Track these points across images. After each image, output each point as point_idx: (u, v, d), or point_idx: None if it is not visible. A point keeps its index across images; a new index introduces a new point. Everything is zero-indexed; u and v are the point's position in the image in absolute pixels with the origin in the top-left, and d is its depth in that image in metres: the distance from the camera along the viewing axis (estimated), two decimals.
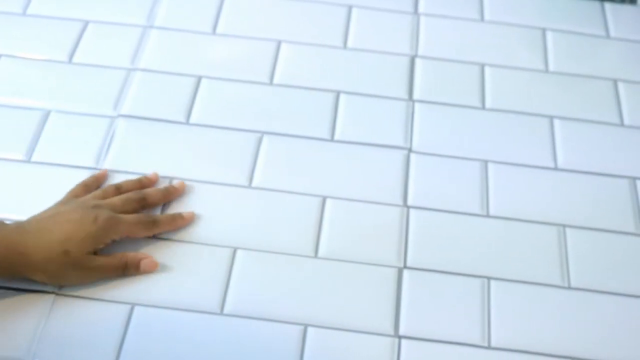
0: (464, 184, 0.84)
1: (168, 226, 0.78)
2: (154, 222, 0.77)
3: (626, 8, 1.04)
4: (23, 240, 0.70)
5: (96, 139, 0.86)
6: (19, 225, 0.72)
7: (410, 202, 0.83)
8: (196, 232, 0.79)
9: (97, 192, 0.78)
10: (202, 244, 0.78)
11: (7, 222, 0.73)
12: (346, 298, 0.75)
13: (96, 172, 0.82)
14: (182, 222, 0.78)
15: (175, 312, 0.73)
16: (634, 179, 0.86)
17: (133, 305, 0.73)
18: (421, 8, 1.02)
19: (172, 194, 0.81)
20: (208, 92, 0.91)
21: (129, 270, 0.74)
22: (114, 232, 0.74)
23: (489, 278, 0.77)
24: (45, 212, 0.75)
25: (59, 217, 0.73)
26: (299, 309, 0.74)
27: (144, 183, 0.81)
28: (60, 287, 0.73)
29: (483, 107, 0.92)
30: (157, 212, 0.80)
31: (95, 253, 0.73)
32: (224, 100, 0.90)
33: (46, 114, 0.88)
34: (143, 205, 0.78)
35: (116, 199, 0.77)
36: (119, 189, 0.79)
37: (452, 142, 0.88)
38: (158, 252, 0.77)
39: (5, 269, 0.71)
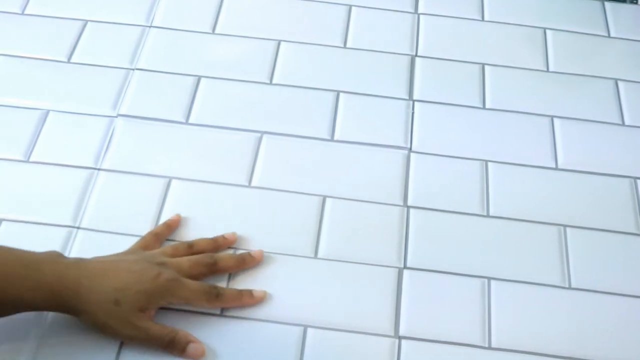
0: (464, 183, 0.84)
1: (233, 302, 0.72)
2: (218, 296, 0.71)
3: (627, 7, 1.04)
4: (78, 279, 0.67)
5: (95, 138, 0.86)
6: (79, 262, 0.70)
7: (410, 202, 0.82)
8: (195, 232, 0.78)
9: (167, 249, 0.74)
10: None
11: (70, 257, 0.72)
12: (346, 298, 0.75)
13: (169, 219, 0.78)
14: (250, 301, 0.73)
15: (175, 312, 0.72)
16: (635, 178, 0.86)
17: None
18: (421, 7, 1.02)
19: (248, 262, 0.75)
20: (207, 91, 0.91)
21: (174, 348, 0.69)
22: (173, 296, 0.70)
23: (489, 278, 0.77)
24: (109, 256, 0.72)
25: (120, 265, 0.70)
26: (299, 309, 0.73)
27: (219, 243, 0.76)
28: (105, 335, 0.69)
29: (483, 107, 0.92)
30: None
31: (146, 315, 0.69)
32: (223, 100, 0.90)
33: (45, 114, 0.88)
34: (213, 270, 0.74)
35: (185, 260, 0.72)
36: (191, 248, 0.75)
37: (453, 141, 0.88)
38: None
39: (55, 302, 0.68)
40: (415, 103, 0.91)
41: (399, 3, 1.02)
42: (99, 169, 0.83)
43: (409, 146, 0.87)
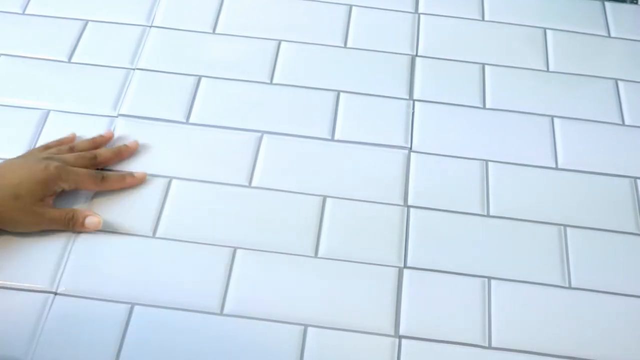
0: (464, 183, 0.84)
1: (117, 183, 0.80)
2: (103, 178, 0.79)
3: (627, 7, 1.04)
4: None
5: None
6: None
7: (410, 201, 0.82)
8: (196, 231, 0.78)
9: (52, 149, 0.81)
10: (202, 243, 0.78)
11: None
12: (346, 298, 0.75)
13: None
14: (132, 181, 0.81)
15: (175, 312, 0.73)
16: (635, 178, 0.86)
17: (133, 305, 0.73)
18: (421, 7, 1.02)
19: (124, 152, 0.83)
20: (208, 91, 0.91)
21: (74, 224, 0.76)
22: (64, 180, 0.77)
23: (489, 278, 0.77)
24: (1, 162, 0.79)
25: (11, 165, 0.78)
26: (299, 309, 0.73)
27: (97, 142, 0.84)
28: (11, 231, 0.76)
29: (483, 107, 0.92)
30: None
31: (45, 202, 0.76)
32: (224, 99, 0.90)
33: (46, 114, 0.88)
34: (94, 163, 0.81)
35: (68, 155, 0.80)
36: (72, 150, 0.82)
37: (453, 141, 0.88)
38: (158, 252, 0.77)
39: None
40: (416, 103, 0.91)
41: (399, 3, 1.02)
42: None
43: (409, 146, 0.87)
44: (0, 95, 0.89)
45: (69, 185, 0.78)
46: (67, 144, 0.83)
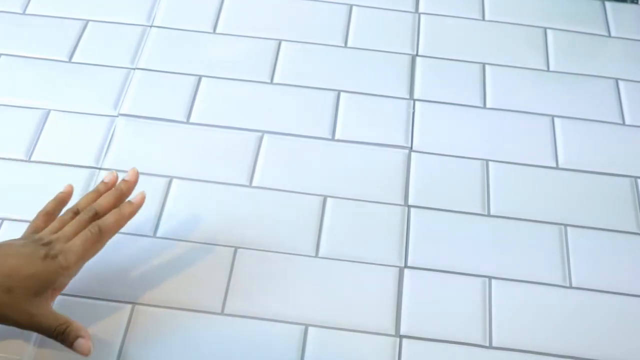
0: (465, 183, 0.84)
1: (116, 224, 0.70)
2: (100, 230, 0.69)
3: (627, 7, 1.04)
4: None
5: (96, 138, 0.86)
6: None
7: (411, 201, 0.82)
8: (197, 231, 0.78)
9: (55, 224, 0.71)
10: (202, 243, 0.78)
11: None
12: (347, 298, 0.75)
13: (60, 192, 0.75)
14: (132, 209, 0.71)
15: (175, 312, 0.73)
16: (635, 178, 0.86)
17: (134, 305, 0.73)
18: (422, 7, 1.02)
19: (124, 191, 0.73)
20: (208, 91, 0.91)
21: (63, 340, 0.66)
22: (67, 268, 0.67)
23: (490, 277, 0.77)
24: None
25: (7, 250, 0.67)
26: (300, 309, 0.73)
27: (101, 192, 0.74)
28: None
29: (484, 106, 0.92)
30: None
31: (44, 299, 0.66)
32: (224, 99, 0.90)
33: (46, 114, 0.88)
34: (96, 220, 0.70)
35: (68, 228, 0.69)
36: (76, 213, 0.72)
37: (453, 141, 0.88)
38: (159, 252, 0.77)
39: None
40: (416, 102, 0.91)
41: (399, 2, 1.02)
42: (100, 169, 0.83)
43: (409, 145, 0.87)
44: (0, 95, 0.89)
45: (75, 269, 0.68)
46: (70, 209, 0.72)
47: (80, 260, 0.68)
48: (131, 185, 0.74)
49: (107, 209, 0.71)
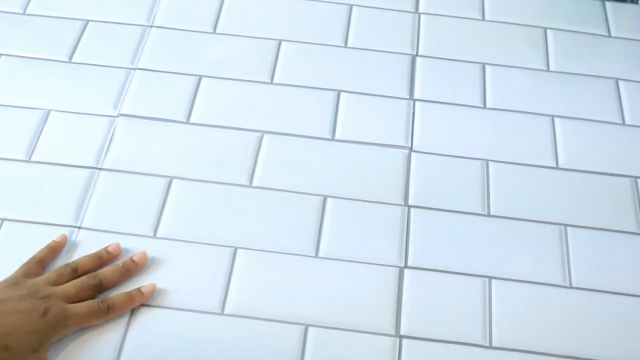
0: (465, 183, 0.84)
1: (125, 308, 0.71)
2: (109, 308, 0.70)
3: (627, 7, 1.04)
4: None
5: (96, 138, 0.86)
6: None
7: (411, 201, 0.82)
8: (197, 231, 0.78)
9: (52, 276, 0.71)
10: (202, 243, 0.78)
11: None
12: (347, 298, 0.75)
13: (53, 240, 0.75)
14: (141, 299, 0.72)
15: (175, 312, 0.73)
16: (635, 178, 0.86)
17: None
18: (422, 7, 1.02)
19: (132, 270, 0.74)
20: (208, 91, 0.91)
21: None
22: (64, 328, 0.67)
23: (490, 277, 0.77)
24: None
25: (3, 307, 0.65)
26: (300, 309, 0.73)
27: (103, 259, 0.74)
28: None
29: (484, 106, 0.92)
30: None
31: (40, 354, 0.66)
32: (224, 99, 0.90)
33: (46, 114, 0.88)
34: (100, 290, 0.72)
35: (69, 287, 0.70)
36: (75, 271, 0.72)
37: (453, 141, 0.88)
38: (159, 251, 0.77)
39: None
40: (416, 102, 0.91)
41: (399, 2, 1.02)
42: (100, 169, 0.83)
43: (409, 145, 0.87)
44: (0, 95, 0.89)
45: (72, 331, 0.68)
46: (69, 266, 0.72)
47: (78, 326, 0.69)
48: (138, 267, 0.74)
49: (111, 283, 0.72)
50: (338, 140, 0.87)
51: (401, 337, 0.72)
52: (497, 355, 0.72)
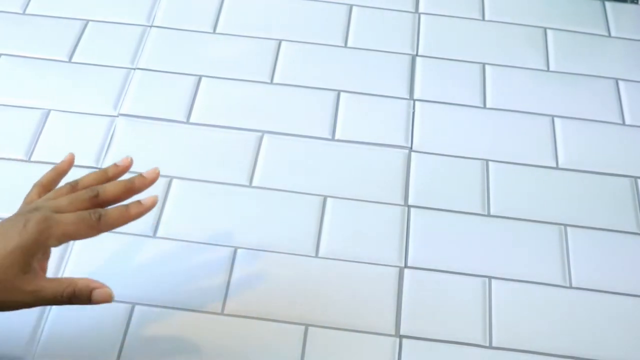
0: (465, 183, 0.84)
1: (120, 219, 0.62)
2: (100, 218, 0.61)
3: (627, 7, 1.04)
4: None
5: (96, 138, 0.86)
6: None
7: (411, 201, 0.82)
8: (197, 231, 0.78)
9: (49, 195, 0.64)
10: (202, 243, 0.78)
11: None
12: (347, 298, 0.75)
13: (59, 163, 0.69)
14: (139, 210, 0.63)
15: (176, 311, 0.73)
16: (635, 178, 0.86)
17: (134, 305, 0.73)
18: (422, 7, 1.02)
19: (138, 186, 0.65)
20: (208, 91, 0.91)
21: (78, 300, 0.60)
22: (49, 237, 0.59)
23: (490, 277, 0.77)
24: None
25: None
26: (300, 309, 0.73)
27: (109, 175, 0.66)
28: None
29: (484, 106, 0.92)
30: None
31: (33, 273, 0.59)
32: (224, 99, 0.90)
33: (46, 114, 0.88)
34: (95, 203, 0.63)
35: (63, 199, 0.62)
36: (74, 187, 0.64)
37: (453, 141, 0.88)
38: (158, 251, 0.77)
39: None
40: (416, 102, 0.91)
41: (399, 2, 1.02)
42: (100, 169, 0.83)
43: (409, 145, 0.87)
44: (0, 95, 0.89)
45: (59, 241, 0.60)
46: (69, 183, 0.65)
47: (64, 237, 0.60)
48: (147, 183, 0.65)
49: (111, 196, 0.64)
50: (338, 140, 0.87)
51: (401, 337, 0.72)
52: (497, 355, 0.72)
